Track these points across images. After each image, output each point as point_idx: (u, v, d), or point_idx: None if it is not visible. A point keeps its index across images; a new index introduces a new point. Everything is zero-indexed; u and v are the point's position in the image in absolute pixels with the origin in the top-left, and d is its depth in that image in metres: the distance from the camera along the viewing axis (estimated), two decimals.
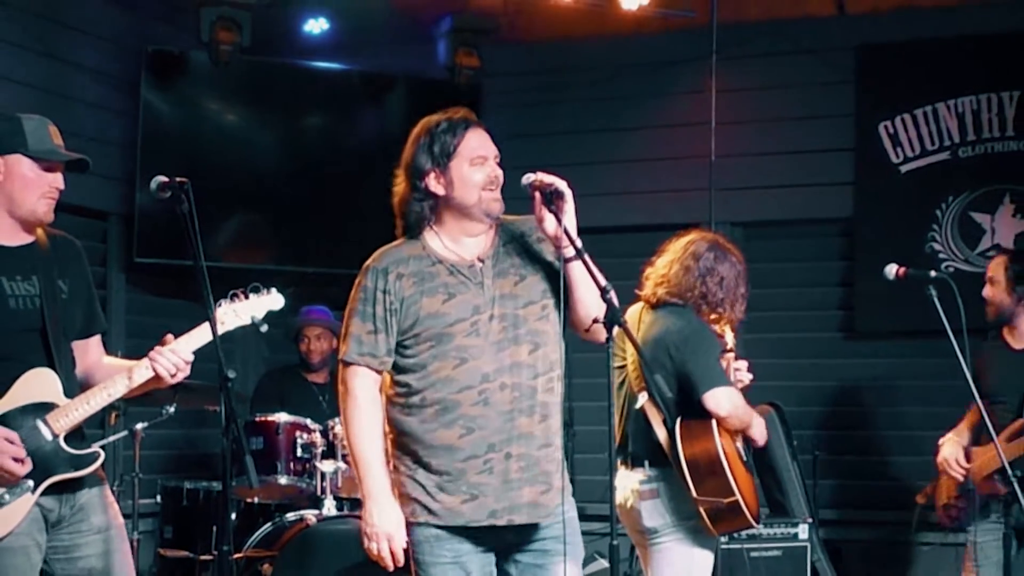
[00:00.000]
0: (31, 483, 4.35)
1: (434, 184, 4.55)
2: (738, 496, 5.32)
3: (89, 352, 4.70)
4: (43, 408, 4.41)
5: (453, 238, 4.55)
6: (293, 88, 8.82)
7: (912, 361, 7.62)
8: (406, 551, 4.49)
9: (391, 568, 4.56)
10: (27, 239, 4.51)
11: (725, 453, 5.36)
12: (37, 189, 4.42)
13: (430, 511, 4.48)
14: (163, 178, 4.38)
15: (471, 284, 4.48)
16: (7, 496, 4.31)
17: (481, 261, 4.52)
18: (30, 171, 4.42)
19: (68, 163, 4.54)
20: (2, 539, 4.32)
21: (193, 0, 8.29)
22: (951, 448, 6.37)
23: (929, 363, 7.42)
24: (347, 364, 4.59)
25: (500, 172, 4.51)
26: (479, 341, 4.43)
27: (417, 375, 4.48)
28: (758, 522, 5.58)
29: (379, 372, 4.57)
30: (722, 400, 5.37)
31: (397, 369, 4.54)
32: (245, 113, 8.76)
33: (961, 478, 6.30)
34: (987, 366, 6.25)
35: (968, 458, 6.31)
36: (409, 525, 4.51)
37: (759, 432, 5.62)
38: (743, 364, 5.57)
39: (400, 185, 4.72)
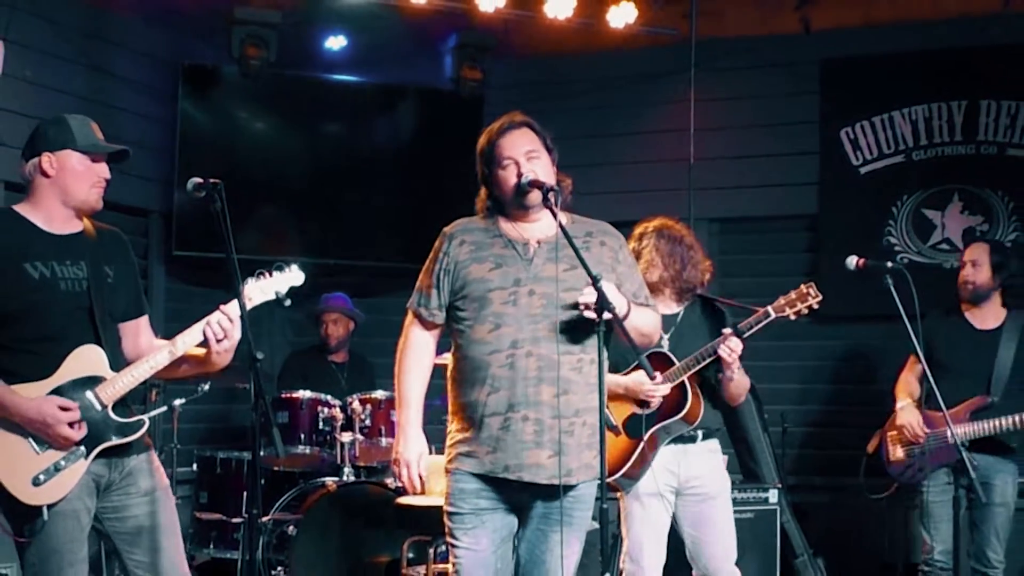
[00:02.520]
0: (84, 450, 4.35)
1: (489, 184, 4.65)
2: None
3: (140, 333, 4.70)
4: (92, 381, 4.41)
5: (515, 221, 4.63)
6: (314, 98, 8.80)
7: (870, 342, 7.61)
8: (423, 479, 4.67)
9: (416, 491, 4.73)
10: (76, 228, 4.52)
11: None
12: (87, 179, 4.47)
13: (460, 457, 4.56)
14: (198, 179, 4.39)
15: (520, 259, 4.54)
16: (63, 462, 4.31)
17: (539, 243, 4.57)
18: (79, 164, 4.46)
19: (110, 154, 4.56)
20: (57, 503, 4.31)
21: (225, 19, 8.28)
22: (913, 414, 6.35)
23: (885, 344, 7.40)
24: (407, 310, 4.74)
25: (532, 167, 4.54)
26: (514, 310, 4.47)
27: (464, 334, 4.57)
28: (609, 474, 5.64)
29: (430, 321, 4.68)
30: None
31: (454, 328, 4.64)
32: (271, 121, 8.74)
33: (921, 441, 6.28)
34: (950, 343, 6.23)
35: (927, 423, 6.30)
36: (447, 472, 4.61)
37: None
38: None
39: (480, 186, 4.75)
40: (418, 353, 4.74)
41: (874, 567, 7.57)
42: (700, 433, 5.67)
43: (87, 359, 4.42)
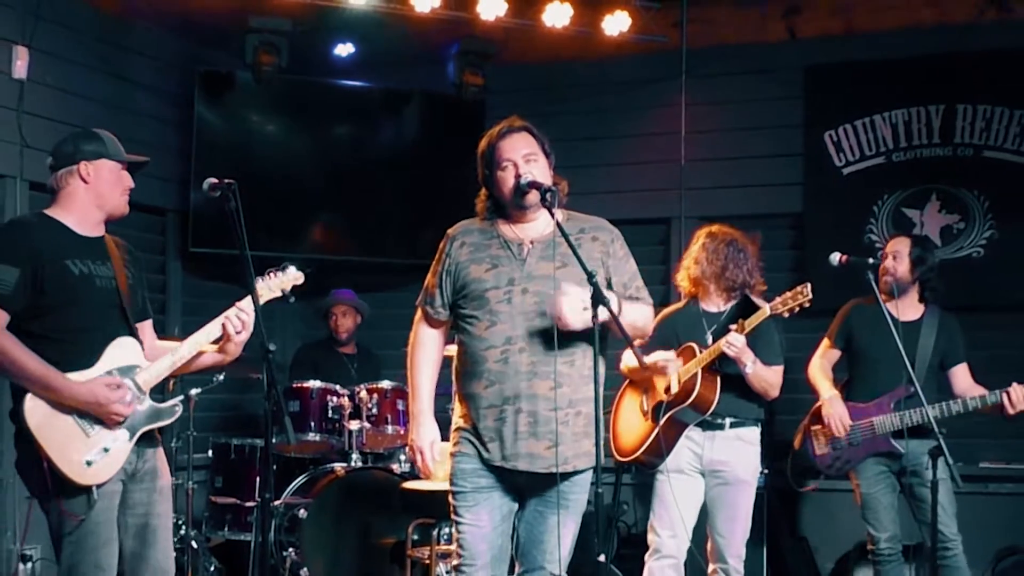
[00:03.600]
0: (127, 434, 4.47)
1: (489, 185, 4.66)
2: (607, 434, 5.90)
3: (147, 335, 4.79)
4: (131, 369, 4.52)
5: (513, 222, 4.65)
6: (324, 103, 8.80)
7: None
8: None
9: (430, 475, 4.82)
10: (100, 232, 4.64)
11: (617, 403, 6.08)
12: (119, 186, 4.61)
13: (463, 443, 4.62)
14: (213, 179, 4.48)
15: (514, 260, 4.57)
16: (110, 445, 4.40)
17: (532, 243, 4.59)
18: (111, 172, 4.59)
19: (132, 164, 4.71)
20: (104, 483, 4.40)
21: (239, 27, 8.26)
22: (838, 406, 6.32)
23: None
24: (416, 308, 4.82)
25: (530, 168, 4.55)
26: (509, 308, 4.51)
27: (465, 331, 4.62)
28: (623, 456, 6.00)
29: (436, 319, 4.74)
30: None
31: (457, 325, 4.69)
32: (283, 124, 8.74)
33: (844, 437, 6.27)
34: (872, 332, 6.19)
35: (851, 414, 6.28)
36: (451, 455, 4.66)
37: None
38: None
39: (481, 187, 4.76)
40: (427, 348, 4.81)
41: (851, 546, 7.58)
42: (728, 421, 5.83)
43: (126, 349, 4.55)
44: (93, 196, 4.56)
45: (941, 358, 6.30)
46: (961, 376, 6.27)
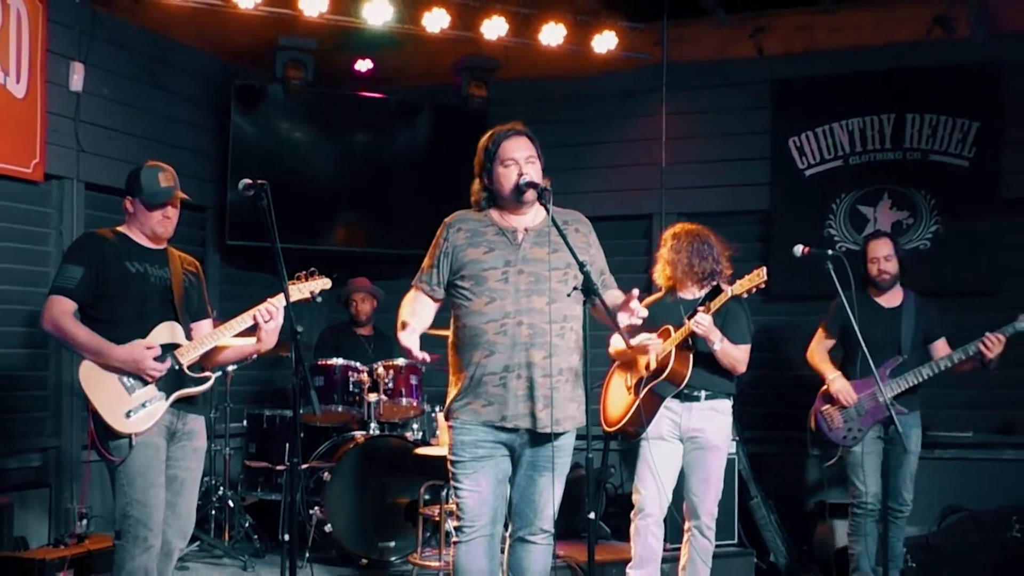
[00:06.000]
0: (164, 395, 4.74)
1: (487, 178, 4.65)
2: (596, 407, 5.98)
3: (202, 332, 5.03)
4: (172, 347, 4.81)
5: (507, 213, 4.65)
6: (345, 112, 8.78)
7: (813, 317, 7.58)
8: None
9: (415, 354, 4.55)
10: (161, 246, 4.99)
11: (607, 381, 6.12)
12: (154, 219, 4.90)
13: (462, 410, 4.59)
14: (247, 180, 4.58)
15: (510, 244, 4.58)
16: (148, 403, 4.70)
17: (526, 231, 4.60)
18: (145, 209, 4.89)
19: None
20: (144, 432, 4.68)
21: (270, 45, 8.26)
22: (843, 383, 6.36)
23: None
24: (411, 287, 4.77)
25: (529, 169, 4.56)
26: (506, 287, 4.52)
27: (463, 307, 4.60)
28: (610, 426, 5.98)
29: (430, 295, 4.71)
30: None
31: (454, 302, 4.66)
32: (309, 131, 8.72)
33: (852, 405, 6.29)
34: (863, 320, 6.19)
35: (854, 390, 6.31)
36: (449, 427, 4.65)
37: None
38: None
39: (475, 178, 4.75)
40: (418, 300, 4.70)
41: (811, 506, 7.57)
42: (703, 393, 5.85)
43: (169, 331, 4.84)
44: (137, 223, 4.93)
45: (924, 335, 6.38)
46: (941, 348, 6.37)
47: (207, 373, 4.89)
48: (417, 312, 4.66)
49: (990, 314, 6.72)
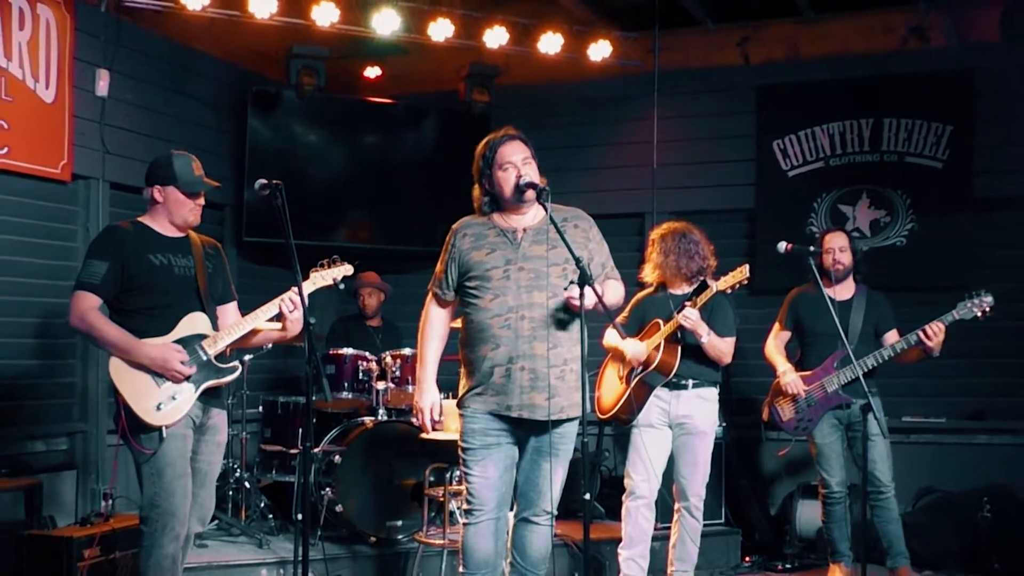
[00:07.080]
0: (192, 387, 4.65)
1: (487, 183, 4.67)
2: (593, 394, 6.08)
3: (229, 314, 5.02)
4: (199, 337, 4.72)
5: (507, 214, 4.67)
6: (355, 116, 8.78)
7: None
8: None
9: (429, 431, 4.85)
10: (183, 234, 4.85)
11: (601, 371, 6.18)
12: (186, 207, 4.81)
13: (471, 399, 4.62)
14: (263, 180, 4.55)
15: (510, 244, 4.59)
16: (176, 395, 4.61)
17: (525, 231, 4.61)
18: (179, 197, 4.77)
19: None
20: (173, 424, 4.59)
21: (284, 53, 8.27)
22: (793, 376, 6.34)
23: None
24: (428, 291, 4.83)
25: (526, 170, 4.58)
26: (509, 284, 4.54)
27: (471, 305, 4.64)
28: (603, 414, 6.04)
29: (444, 299, 4.77)
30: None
31: (464, 301, 4.70)
32: (321, 134, 8.72)
33: (803, 396, 6.28)
34: (816, 313, 6.18)
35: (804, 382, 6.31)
36: (460, 415, 4.68)
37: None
38: None
39: (475, 185, 4.79)
40: (435, 326, 4.82)
41: (793, 488, 7.59)
42: (691, 382, 5.85)
43: (197, 321, 4.77)
44: (165, 212, 4.80)
45: (874, 327, 6.32)
46: (892, 339, 6.27)
47: (235, 363, 4.81)
48: (438, 342, 4.84)
49: None
